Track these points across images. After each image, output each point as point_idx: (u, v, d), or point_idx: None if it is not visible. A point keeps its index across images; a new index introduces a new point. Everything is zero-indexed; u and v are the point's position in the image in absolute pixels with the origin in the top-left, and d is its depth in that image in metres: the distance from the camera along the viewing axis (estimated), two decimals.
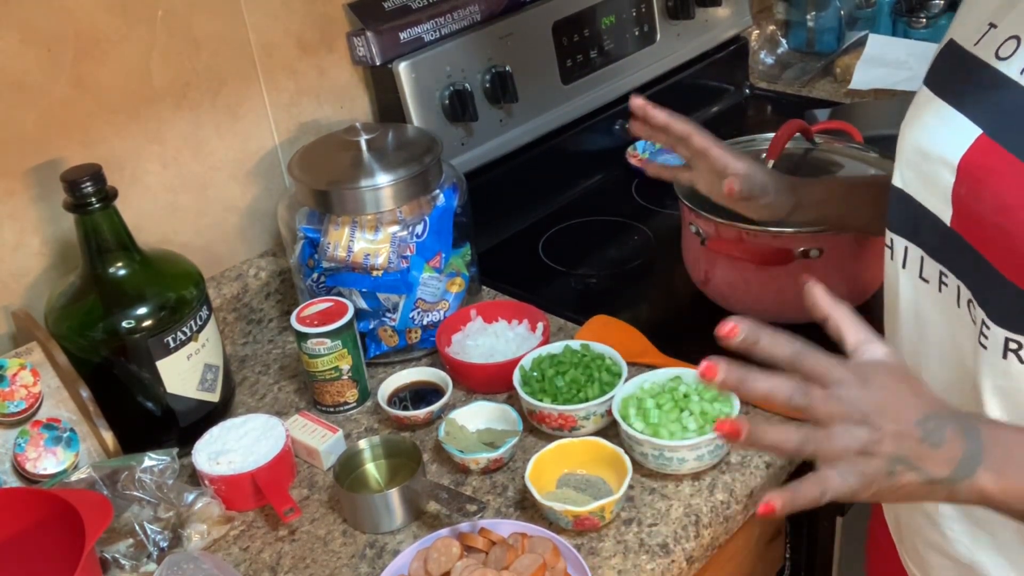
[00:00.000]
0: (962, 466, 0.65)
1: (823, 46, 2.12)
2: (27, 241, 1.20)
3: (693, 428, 1.08)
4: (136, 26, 1.23)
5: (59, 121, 1.19)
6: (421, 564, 1.00)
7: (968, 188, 0.75)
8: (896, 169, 0.84)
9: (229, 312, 1.39)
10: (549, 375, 1.19)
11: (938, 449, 0.65)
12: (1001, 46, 0.76)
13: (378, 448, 1.15)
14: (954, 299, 0.78)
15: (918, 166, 0.80)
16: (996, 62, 0.76)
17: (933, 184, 0.78)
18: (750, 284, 1.29)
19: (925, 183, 0.79)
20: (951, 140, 0.76)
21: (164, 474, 1.09)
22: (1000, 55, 0.76)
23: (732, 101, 2.04)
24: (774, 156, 1.35)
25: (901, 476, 0.65)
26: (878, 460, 0.65)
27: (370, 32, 1.42)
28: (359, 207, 1.26)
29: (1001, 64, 0.75)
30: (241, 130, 1.37)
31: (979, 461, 0.65)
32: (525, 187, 1.67)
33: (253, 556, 1.08)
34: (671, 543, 1.03)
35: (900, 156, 0.83)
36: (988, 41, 0.78)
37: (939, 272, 0.79)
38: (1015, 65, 0.74)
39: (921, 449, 0.65)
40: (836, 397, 0.66)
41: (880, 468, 0.65)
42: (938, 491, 0.67)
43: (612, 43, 1.72)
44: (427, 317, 1.33)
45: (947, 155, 0.76)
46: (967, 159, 0.75)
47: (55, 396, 1.14)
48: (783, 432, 0.66)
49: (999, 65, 0.76)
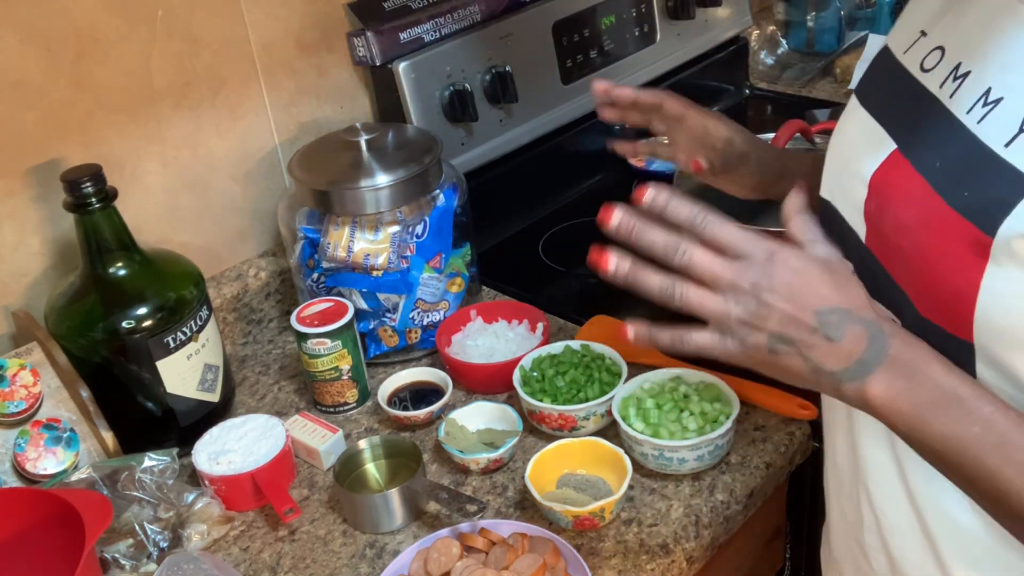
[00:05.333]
0: (855, 367, 0.66)
1: (823, 46, 2.12)
2: (27, 241, 1.20)
3: (693, 428, 1.08)
4: (136, 26, 1.23)
5: (59, 121, 1.19)
6: (421, 564, 1.00)
7: (876, 205, 0.71)
8: (823, 179, 0.80)
9: (229, 312, 1.39)
10: (549, 375, 1.19)
11: (833, 343, 0.65)
12: (927, 56, 0.73)
13: (378, 448, 1.15)
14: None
15: (839, 178, 0.77)
16: (920, 74, 0.73)
17: (849, 199, 0.75)
18: None
19: (844, 197, 0.76)
20: (867, 154, 0.73)
21: (164, 474, 1.09)
22: (924, 67, 0.72)
23: (732, 101, 2.05)
24: None
25: (784, 357, 0.67)
26: (760, 334, 0.66)
27: (370, 32, 1.42)
28: (359, 207, 1.26)
29: (923, 76, 0.72)
30: (241, 130, 1.37)
31: (872, 369, 0.66)
32: (525, 187, 1.67)
33: (253, 556, 1.08)
34: (671, 543, 1.03)
35: (826, 166, 0.80)
36: (916, 49, 0.75)
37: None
38: (936, 78, 0.71)
39: (813, 338, 0.65)
40: (730, 265, 0.67)
41: (760, 342, 0.66)
42: (824, 382, 0.67)
43: (612, 43, 1.72)
44: (427, 317, 1.33)
45: (862, 169, 0.73)
46: (878, 175, 0.71)
47: (55, 396, 1.14)
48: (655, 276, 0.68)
49: (922, 77, 0.72)
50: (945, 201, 0.65)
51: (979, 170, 0.64)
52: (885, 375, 0.66)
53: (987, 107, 0.65)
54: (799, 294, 0.66)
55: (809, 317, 0.65)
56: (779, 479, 1.14)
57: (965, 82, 0.68)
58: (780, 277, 0.66)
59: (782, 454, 1.13)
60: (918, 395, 0.65)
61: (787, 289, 0.66)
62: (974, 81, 0.67)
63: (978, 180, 0.64)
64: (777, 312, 0.66)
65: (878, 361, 0.66)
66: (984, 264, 0.62)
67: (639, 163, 1.80)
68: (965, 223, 0.63)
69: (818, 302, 0.66)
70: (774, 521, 1.27)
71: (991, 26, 0.67)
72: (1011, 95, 0.64)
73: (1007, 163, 0.62)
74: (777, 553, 1.31)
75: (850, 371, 0.66)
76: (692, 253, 0.67)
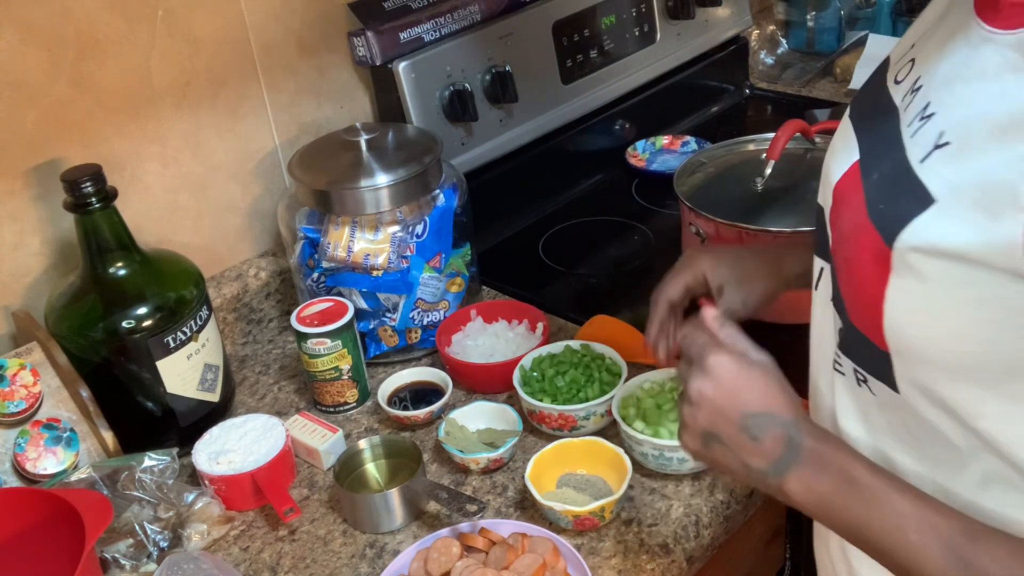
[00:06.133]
0: (775, 465, 0.72)
1: (823, 46, 2.12)
2: (27, 241, 1.20)
3: None
4: (136, 26, 1.23)
5: (59, 121, 1.19)
6: (421, 564, 1.00)
7: (836, 214, 0.74)
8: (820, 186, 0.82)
9: (229, 312, 1.39)
10: (549, 375, 1.19)
11: (757, 443, 0.73)
12: (900, 69, 0.74)
13: (378, 448, 1.15)
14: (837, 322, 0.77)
15: (824, 186, 0.79)
16: (892, 85, 0.74)
17: (827, 206, 0.77)
18: None
19: (825, 203, 0.78)
20: (840, 162, 0.75)
21: (164, 474, 1.09)
22: (897, 78, 0.74)
23: (732, 101, 2.05)
24: (774, 156, 1.35)
25: (718, 454, 0.76)
26: (693, 431, 0.76)
27: (370, 32, 1.42)
28: (359, 207, 1.26)
29: (893, 88, 0.73)
30: (241, 130, 1.37)
31: (789, 466, 0.72)
32: (525, 187, 1.67)
33: (253, 556, 1.08)
34: (671, 543, 1.03)
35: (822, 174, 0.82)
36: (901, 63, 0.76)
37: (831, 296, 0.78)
38: (901, 91, 0.72)
39: (739, 437, 0.74)
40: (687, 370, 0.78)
41: (696, 438, 0.76)
42: (754, 478, 0.75)
43: (612, 43, 1.72)
44: (427, 317, 1.33)
45: (832, 177, 0.75)
46: (839, 184, 0.74)
47: (55, 396, 1.14)
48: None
49: (892, 88, 0.73)
50: (867, 213, 0.68)
51: (898, 184, 0.66)
52: (799, 471, 0.72)
53: (921, 122, 0.66)
54: (728, 397, 0.74)
55: (735, 418, 0.74)
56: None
57: (916, 96, 0.69)
58: (714, 382, 0.75)
59: None
60: (824, 485, 0.71)
61: (717, 392, 0.74)
62: (921, 96, 0.68)
63: (894, 194, 0.66)
64: (706, 412, 0.75)
65: (795, 459, 0.72)
66: (887, 275, 0.65)
67: (639, 163, 1.80)
68: (875, 234, 0.66)
69: (745, 406, 0.74)
70: (774, 521, 1.27)
71: (947, 40, 0.68)
72: (940, 111, 0.65)
73: (917, 178, 0.64)
74: (777, 553, 1.31)
75: (772, 469, 0.73)
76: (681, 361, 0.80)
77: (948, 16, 0.71)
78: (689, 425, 0.77)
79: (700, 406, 0.75)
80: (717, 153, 1.50)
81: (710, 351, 0.76)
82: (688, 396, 0.76)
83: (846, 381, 0.76)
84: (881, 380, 0.71)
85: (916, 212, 0.63)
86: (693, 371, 0.76)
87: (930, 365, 0.65)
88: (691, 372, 0.76)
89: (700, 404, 0.75)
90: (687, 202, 1.34)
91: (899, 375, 0.68)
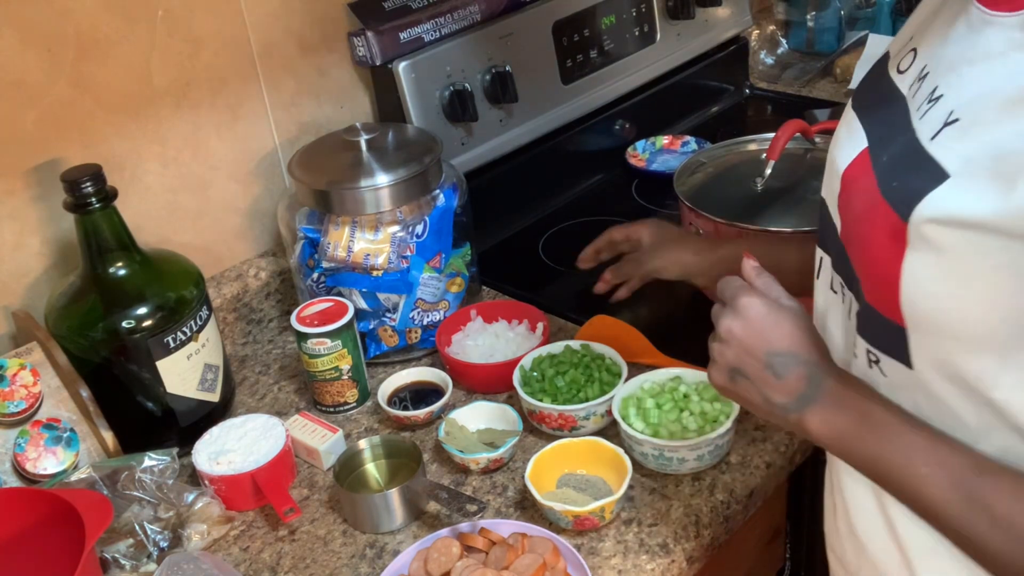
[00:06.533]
0: (797, 401, 0.77)
1: (823, 46, 2.12)
2: (27, 241, 1.20)
3: (693, 428, 1.08)
4: (136, 26, 1.23)
5: (59, 121, 1.19)
6: (421, 564, 1.00)
7: (845, 199, 0.77)
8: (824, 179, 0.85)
9: (229, 312, 1.39)
10: (549, 375, 1.19)
11: (780, 380, 0.78)
12: (903, 59, 0.77)
13: (378, 448, 1.15)
14: (848, 310, 0.79)
15: (829, 176, 0.82)
16: (896, 75, 0.77)
17: (832, 195, 0.80)
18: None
19: (830, 193, 0.81)
20: (846, 151, 0.77)
21: (164, 474, 1.09)
22: (900, 68, 0.77)
23: (732, 101, 2.04)
24: (774, 156, 1.35)
25: (742, 387, 0.81)
26: (721, 366, 0.82)
27: (370, 32, 1.42)
28: (359, 207, 1.26)
29: (897, 77, 0.76)
30: (241, 130, 1.37)
31: (809, 403, 0.76)
32: (525, 187, 1.67)
33: (253, 556, 1.08)
34: (671, 543, 1.03)
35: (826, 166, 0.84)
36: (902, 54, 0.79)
37: (839, 283, 0.80)
38: (907, 79, 0.75)
39: (764, 374, 0.79)
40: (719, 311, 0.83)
41: (723, 373, 0.82)
42: (776, 413, 0.79)
43: (612, 43, 1.72)
44: (427, 317, 1.33)
45: (838, 166, 0.78)
46: (848, 171, 0.76)
47: (55, 396, 1.14)
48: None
49: (896, 78, 0.76)
50: (880, 192, 0.70)
51: (910, 163, 0.69)
52: (819, 407, 0.76)
53: (930, 104, 0.70)
54: (756, 336, 0.79)
55: (761, 356, 0.79)
56: (779, 479, 1.14)
57: (924, 83, 0.72)
58: (743, 321, 0.80)
59: (782, 454, 1.13)
60: (842, 422, 0.75)
61: (745, 331, 0.80)
62: (929, 81, 0.71)
63: (907, 172, 0.69)
64: (734, 349, 0.80)
65: (816, 397, 0.77)
66: (903, 250, 0.67)
67: (639, 163, 1.80)
68: (889, 211, 0.68)
69: (770, 345, 0.79)
70: (774, 521, 1.27)
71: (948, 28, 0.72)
72: (948, 92, 0.68)
73: (929, 155, 0.67)
74: (777, 553, 1.31)
75: (793, 404, 0.78)
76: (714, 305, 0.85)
77: (945, 6, 0.74)
78: (718, 360, 0.82)
79: (729, 343, 0.81)
80: (717, 153, 1.50)
81: (743, 293, 0.81)
82: (718, 334, 0.81)
83: (857, 364, 0.78)
84: (895, 358, 0.72)
85: (931, 187, 0.65)
86: (725, 310, 0.81)
87: (946, 337, 0.67)
88: (723, 312, 0.82)
89: (729, 341, 0.81)
90: (687, 202, 1.34)
91: (914, 350, 0.70)
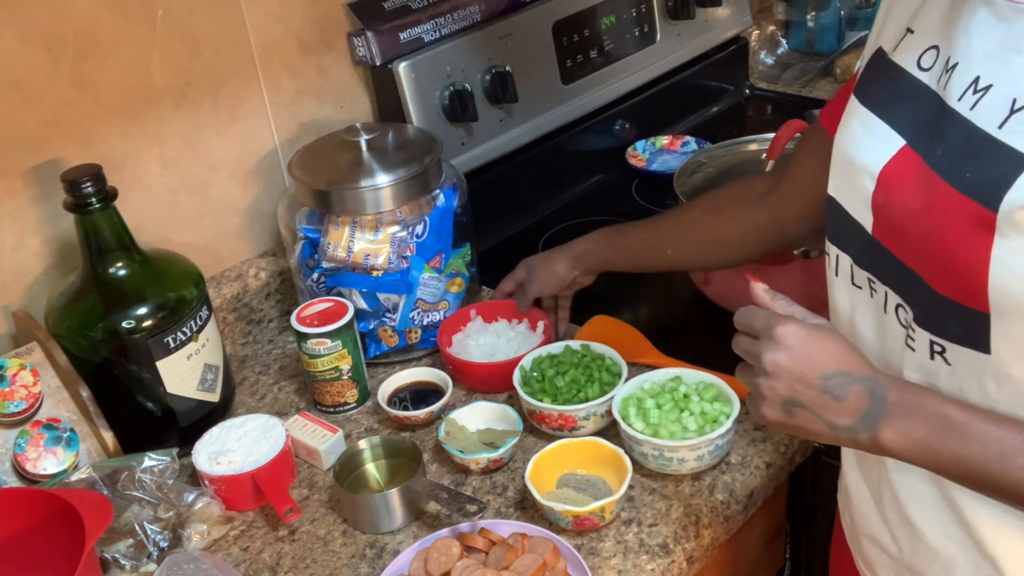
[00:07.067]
0: (864, 420, 0.75)
1: (823, 46, 2.12)
2: (27, 241, 1.20)
3: (693, 428, 1.08)
4: (136, 26, 1.23)
5: (59, 121, 1.19)
6: (421, 564, 1.00)
7: (884, 196, 0.77)
8: (830, 178, 0.85)
9: (229, 312, 1.39)
10: (549, 375, 1.19)
11: (841, 402, 0.75)
12: (922, 56, 0.77)
13: (378, 448, 1.15)
14: (882, 304, 0.80)
15: (846, 175, 0.82)
16: (918, 72, 0.77)
17: (856, 192, 0.80)
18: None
19: (851, 191, 0.81)
20: (875, 149, 0.77)
21: (164, 474, 1.09)
22: (922, 65, 0.77)
23: (732, 101, 2.05)
24: (774, 156, 1.35)
25: (800, 419, 0.77)
26: (773, 402, 0.78)
27: (370, 32, 1.42)
28: (359, 207, 1.26)
29: (923, 75, 0.77)
30: (241, 130, 1.37)
31: (879, 419, 0.74)
32: (525, 187, 1.67)
33: (253, 556, 1.08)
34: (671, 543, 1.03)
35: (833, 165, 0.84)
36: (906, 46, 0.79)
37: (868, 279, 0.81)
38: (934, 75, 0.75)
39: (822, 399, 0.75)
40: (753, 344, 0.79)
41: (776, 408, 0.78)
42: (842, 437, 0.77)
43: (612, 43, 1.72)
44: (427, 317, 1.33)
45: (870, 164, 0.78)
46: (888, 169, 0.76)
47: (55, 396, 1.14)
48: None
49: (921, 76, 0.77)
50: (949, 184, 0.70)
51: (977, 152, 0.69)
52: (890, 421, 0.74)
53: (977, 94, 0.71)
54: (803, 362, 0.76)
55: (814, 382, 0.76)
56: (779, 479, 1.14)
57: (954, 74, 0.73)
58: (786, 351, 0.76)
59: (782, 454, 1.13)
60: (920, 431, 0.73)
61: (792, 360, 0.76)
62: (962, 72, 0.72)
63: (977, 162, 0.69)
64: (784, 381, 0.77)
65: (882, 411, 0.74)
66: (991, 238, 0.67)
67: (639, 163, 1.80)
68: (969, 202, 0.68)
69: (820, 369, 0.76)
70: (774, 521, 1.27)
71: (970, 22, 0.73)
72: (1000, 82, 0.70)
73: (1002, 143, 0.68)
74: (777, 553, 1.31)
75: (861, 423, 0.75)
76: (735, 338, 0.81)
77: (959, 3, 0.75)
78: (768, 397, 0.78)
79: (778, 376, 0.77)
80: (717, 153, 1.50)
81: (776, 322, 0.78)
82: (763, 369, 0.77)
83: (912, 357, 0.78)
84: (969, 346, 0.72)
85: (1016, 172, 0.66)
86: (762, 344, 0.78)
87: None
88: (759, 345, 0.78)
89: (777, 374, 0.77)
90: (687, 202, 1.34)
91: (996, 336, 0.70)
